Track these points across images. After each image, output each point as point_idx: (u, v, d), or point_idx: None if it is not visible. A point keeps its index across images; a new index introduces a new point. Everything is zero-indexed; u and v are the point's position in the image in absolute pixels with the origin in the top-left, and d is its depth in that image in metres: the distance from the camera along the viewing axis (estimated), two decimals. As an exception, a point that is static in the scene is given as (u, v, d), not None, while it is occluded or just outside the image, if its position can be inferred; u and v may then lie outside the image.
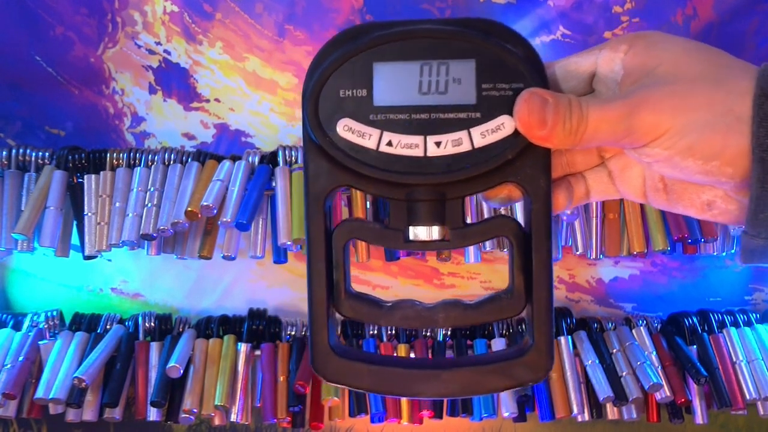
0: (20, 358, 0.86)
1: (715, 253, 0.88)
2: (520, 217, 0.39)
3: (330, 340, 0.36)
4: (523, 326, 0.92)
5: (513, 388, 0.36)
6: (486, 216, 0.84)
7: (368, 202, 0.86)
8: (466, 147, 0.33)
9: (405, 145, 0.33)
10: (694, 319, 0.93)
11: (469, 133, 0.33)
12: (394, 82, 0.33)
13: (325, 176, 0.35)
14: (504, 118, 0.33)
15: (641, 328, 0.91)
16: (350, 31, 0.34)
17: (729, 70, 0.34)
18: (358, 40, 0.34)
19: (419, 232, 0.35)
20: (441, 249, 0.35)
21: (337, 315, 0.36)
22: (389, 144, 0.33)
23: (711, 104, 0.33)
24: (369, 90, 0.33)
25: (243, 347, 0.88)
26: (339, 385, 0.36)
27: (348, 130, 0.33)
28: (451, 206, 0.35)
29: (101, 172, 0.86)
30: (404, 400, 0.88)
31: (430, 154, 0.33)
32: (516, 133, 0.33)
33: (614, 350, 0.89)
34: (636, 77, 0.34)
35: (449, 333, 0.92)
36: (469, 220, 0.37)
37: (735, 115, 0.33)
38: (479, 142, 0.33)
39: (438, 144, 0.33)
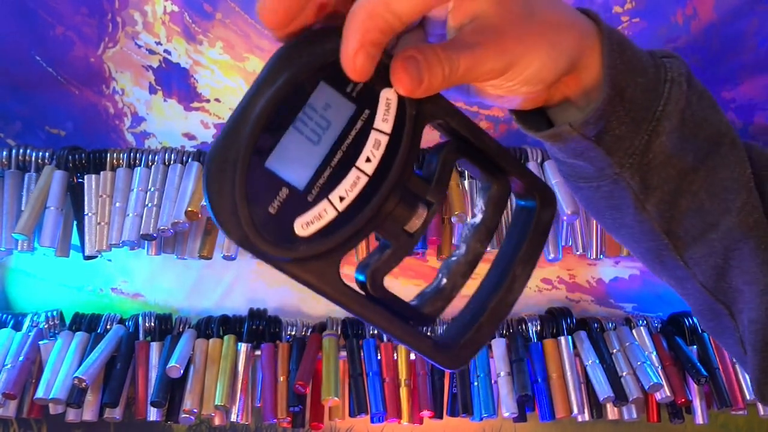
0: (20, 358, 0.86)
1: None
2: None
3: (440, 346, 0.39)
4: (523, 325, 0.92)
5: (550, 229, 0.40)
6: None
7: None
8: (384, 139, 0.35)
9: (350, 186, 0.34)
10: (694, 319, 0.93)
11: (377, 130, 0.35)
12: (293, 160, 0.34)
13: (326, 270, 0.36)
14: (385, 94, 0.35)
15: (641, 328, 0.91)
16: (215, 162, 0.34)
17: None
18: (231, 162, 0.33)
19: (415, 223, 0.37)
20: (434, 215, 0.37)
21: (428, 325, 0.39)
22: (341, 199, 0.34)
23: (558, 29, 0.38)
24: (286, 185, 0.34)
25: (243, 347, 0.88)
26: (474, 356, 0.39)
27: (307, 225, 0.34)
28: (412, 183, 0.37)
29: (101, 172, 0.86)
30: (404, 401, 0.88)
31: (370, 171, 0.35)
32: (398, 96, 0.35)
33: (614, 350, 0.89)
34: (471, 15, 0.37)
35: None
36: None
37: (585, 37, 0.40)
38: (388, 127, 0.35)
39: (368, 159, 0.35)
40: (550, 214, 0.40)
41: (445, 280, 0.39)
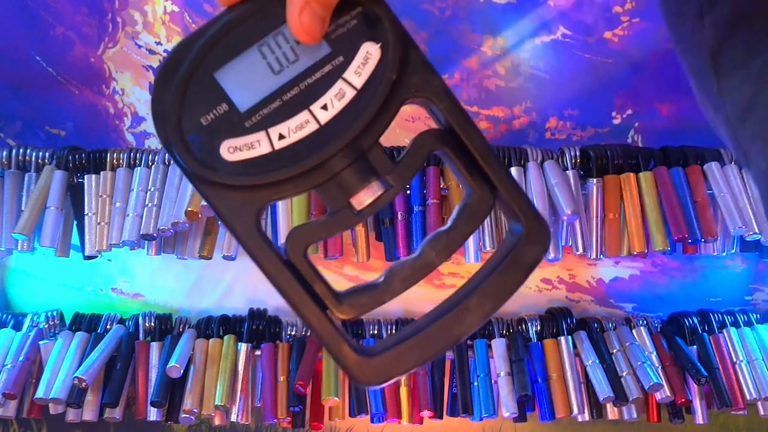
0: (20, 358, 0.86)
1: (715, 253, 0.88)
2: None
3: (355, 350, 0.33)
4: (523, 325, 0.92)
5: (533, 270, 0.34)
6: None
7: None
8: (350, 93, 0.32)
9: (296, 127, 0.31)
10: (695, 320, 0.93)
11: (345, 80, 0.32)
12: (245, 80, 0.31)
13: (242, 208, 0.32)
14: (366, 47, 0.32)
15: (641, 328, 0.91)
16: (168, 64, 0.32)
17: None
18: (182, 65, 0.31)
19: (363, 198, 0.33)
20: (391, 199, 0.33)
21: (342, 321, 0.34)
22: (281, 137, 0.31)
23: None
24: (227, 101, 0.31)
25: (243, 347, 0.88)
26: (392, 380, 0.34)
27: (234, 150, 0.31)
28: (373, 156, 0.33)
29: (101, 172, 0.86)
30: (404, 401, 0.88)
31: (323, 120, 0.32)
32: (381, 54, 0.32)
33: (614, 350, 0.89)
34: None
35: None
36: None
37: None
38: (358, 81, 0.32)
39: (324, 107, 0.31)
40: (535, 254, 0.34)
41: (382, 279, 0.35)
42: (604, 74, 0.95)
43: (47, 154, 0.87)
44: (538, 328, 0.92)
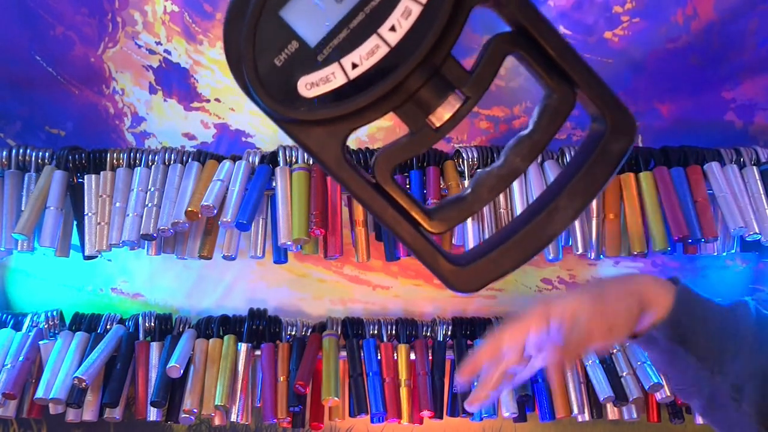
0: (20, 358, 0.86)
1: (715, 253, 0.88)
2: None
3: (450, 261, 0.34)
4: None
5: (621, 162, 0.34)
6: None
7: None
8: (416, 9, 0.31)
9: (367, 54, 0.31)
10: (695, 319, 0.93)
11: None
12: (310, 14, 0.31)
13: (327, 140, 0.33)
14: None
15: (641, 328, 0.91)
16: (234, 8, 0.32)
17: None
18: (248, 8, 0.31)
19: (441, 114, 0.33)
20: (469, 110, 0.33)
21: (436, 233, 0.35)
22: (354, 66, 0.31)
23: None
24: (296, 38, 0.31)
25: (243, 347, 0.88)
26: (488, 285, 0.34)
27: (311, 86, 0.31)
28: (447, 69, 0.32)
29: (101, 172, 0.86)
30: (404, 401, 0.88)
31: (393, 42, 0.31)
32: None
33: (614, 350, 0.89)
34: None
35: (449, 333, 0.92)
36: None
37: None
38: None
39: (393, 28, 0.31)
40: (622, 145, 0.34)
41: (469, 191, 0.34)
42: (604, 74, 0.95)
43: (47, 154, 0.87)
44: (538, 328, 0.91)
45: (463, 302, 0.99)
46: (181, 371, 0.84)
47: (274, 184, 0.85)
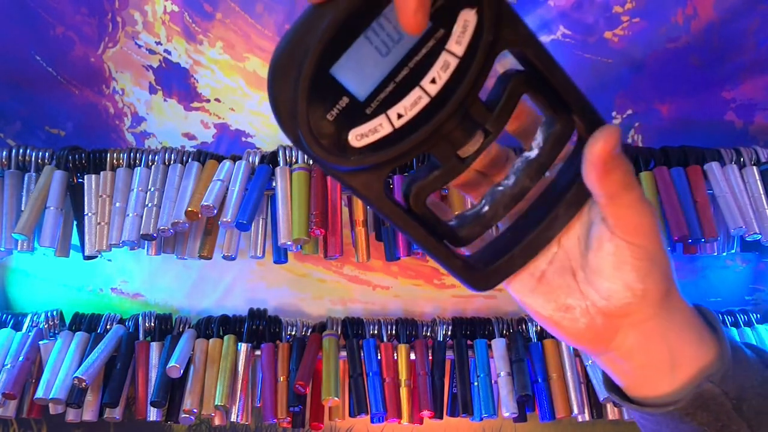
0: (20, 358, 0.86)
1: (715, 253, 0.88)
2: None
3: (470, 267, 0.40)
4: (523, 325, 0.92)
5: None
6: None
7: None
8: (454, 62, 0.34)
9: (411, 104, 0.34)
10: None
11: (448, 51, 0.34)
12: (358, 70, 0.33)
13: (372, 182, 0.37)
14: (464, 15, 0.34)
15: (641, 328, 0.91)
16: (280, 66, 0.34)
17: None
18: (300, 67, 0.33)
19: (469, 149, 0.37)
20: (491, 143, 0.37)
21: (462, 246, 0.41)
22: (399, 116, 0.34)
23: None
24: (346, 94, 0.34)
25: (243, 347, 0.88)
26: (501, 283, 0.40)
27: (361, 137, 0.34)
28: (474, 110, 0.36)
29: (101, 172, 0.86)
30: (404, 401, 0.88)
31: (433, 93, 0.34)
32: (477, 19, 0.34)
33: (614, 350, 0.89)
34: None
35: (449, 333, 0.92)
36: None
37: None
38: (460, 50, 0.34)
39: (433, 81, 0.34)
40: None
41: (486, 208, 0.39)
42: (604, 74, 0.95)
43: (47, 154, 0.87)
44: (538, 328, 0.92)
45: (463, 302, 1.00)
46: (181, 371, 0.84)
47: (274, 184, 0.85)
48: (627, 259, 0.37)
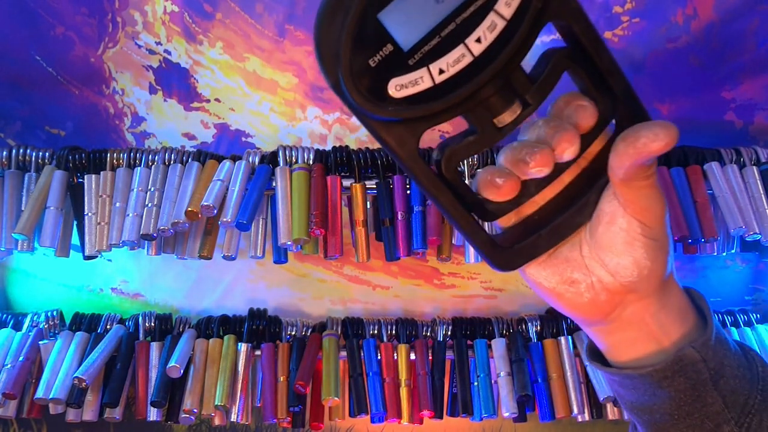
0: (20, 358, 0.86)
1: (715, 253, 0.88)
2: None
3: (495, 244, 0.39)
4: (523, 325, 0.92)
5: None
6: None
7: (368, 203, 0.86)
8: (501, 24, 0.34)
9: (454, 61, 0.34)
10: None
11: (496, 12, 0.34)
12: (406, 18, 0.33)
13: (405, 137, 0.36)
14: None
15: (641, 328, 0.91)
16: (330, 7, 0.34)
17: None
18: (349, 7, 0.33)
19: (505, 118, 0.36)
20: (529, 115, 0.36)
21: (489, 221, 0.40)
22: (441, 72, 0.34)
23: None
24: (391, 41, 0.33)
25: (243, 347, 0.88)
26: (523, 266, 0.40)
27: (401, 87, 0.34)
28: (515, 78, 0.36)
29: (101, 172, 0.86)
30: (404, 401, 0.88)
31: (477, 52, 0.34)
32: None
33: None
34: None
35: (449, 333, 0.92)
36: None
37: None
38: (508, 12, 0.34)
39: (478, 40, 0.34)
40: None
41: None
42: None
43: (47, 154, 0.87)
44: (538, 328, 0.92)
45: (462, 302, 1.00)
46: (181, 371, 0.84)
47: (274, 184, 0.85)
48: (637, 237, 0.38)
